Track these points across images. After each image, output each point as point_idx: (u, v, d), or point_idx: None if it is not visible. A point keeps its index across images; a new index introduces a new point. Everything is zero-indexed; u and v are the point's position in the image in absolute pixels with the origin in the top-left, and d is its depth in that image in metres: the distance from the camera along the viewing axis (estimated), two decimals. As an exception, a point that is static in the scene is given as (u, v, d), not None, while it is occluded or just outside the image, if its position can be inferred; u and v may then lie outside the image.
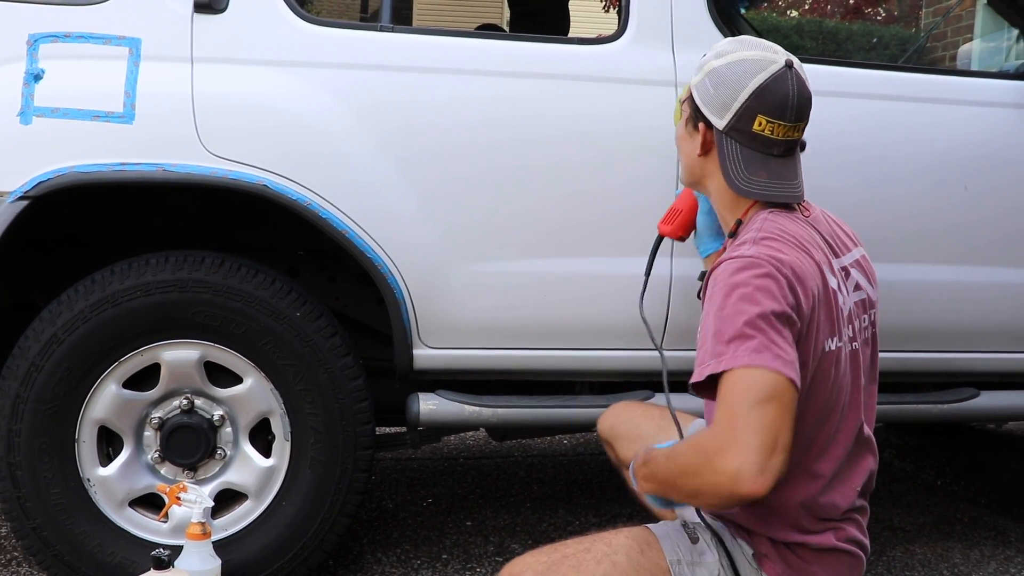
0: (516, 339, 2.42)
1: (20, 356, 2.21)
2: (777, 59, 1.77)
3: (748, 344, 1.53)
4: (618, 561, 1.71)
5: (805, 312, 1.63)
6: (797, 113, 1.77)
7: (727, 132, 1.78)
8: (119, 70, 2.19)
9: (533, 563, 1.72)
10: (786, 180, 1.80)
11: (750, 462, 1.44)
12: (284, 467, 2.36)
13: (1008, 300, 2.69)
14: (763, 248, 1.66)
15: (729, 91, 1.76)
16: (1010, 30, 3.46)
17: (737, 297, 1.59)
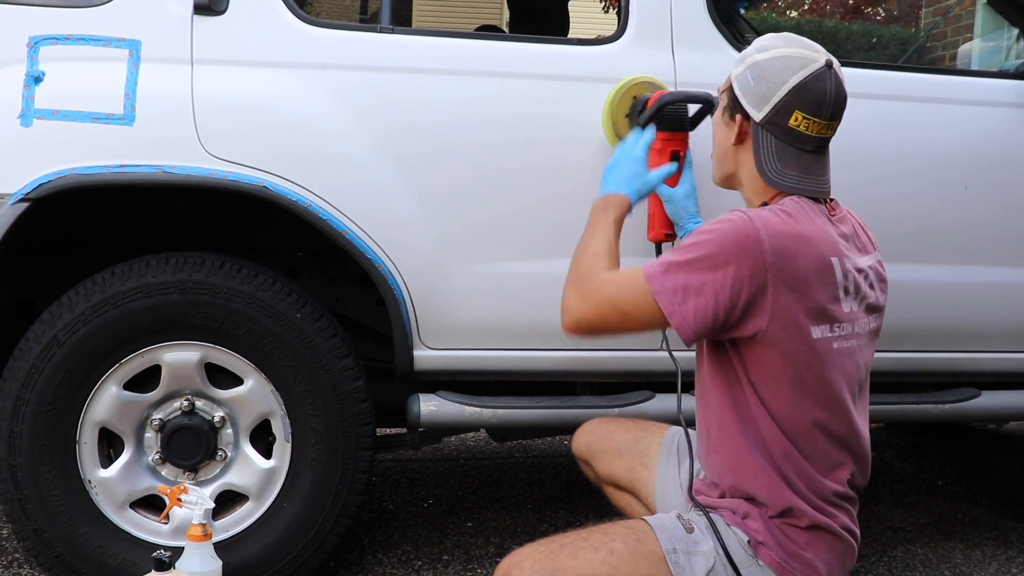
0: (516, 340, 2.42)
1: (21, 358, 2.21)
2: (818, 58, 1.83)
3: (678, 281, 1.73)
4: (615, 548, 1.76)
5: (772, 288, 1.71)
6: (833, 111, 1.84)
7: (763, 124, 1.84)
8: (119, 72, 2.19)
9: (531, 553, 1.78)
10: (816, 176, 1.87)
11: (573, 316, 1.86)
12: (285, 468, 2.36)
13: (1009, 300, 2.69)
14: (773, 218, 1.75)
15: (769, 85, 1.82)
16: (1010, 29, 3.47)
17: (711, 241, 1.73)
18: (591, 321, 1.84)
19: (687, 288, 1.72)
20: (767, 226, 1.72)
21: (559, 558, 1.76)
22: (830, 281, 1.77)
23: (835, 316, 1.78)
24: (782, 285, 1.72)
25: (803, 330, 1.75)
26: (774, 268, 1.70)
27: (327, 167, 2.27)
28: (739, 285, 1.71)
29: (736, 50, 2.50)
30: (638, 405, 2.49)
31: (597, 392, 2.65)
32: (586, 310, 1.83)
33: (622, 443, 2.21)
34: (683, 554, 1.78)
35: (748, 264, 1.70)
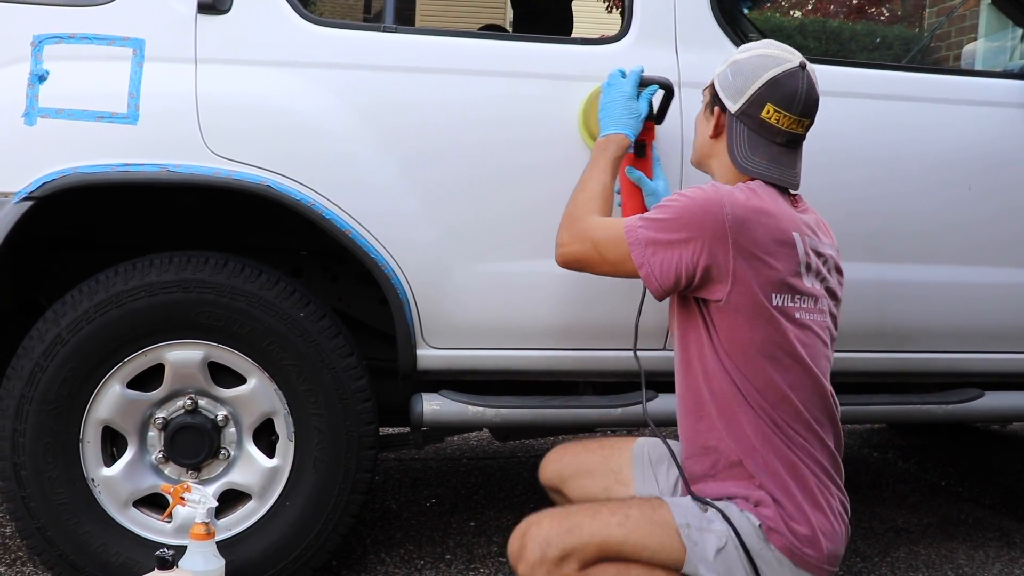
0: (519, 339, 2.43)
1: (24, 356, 2.21)
2: (793, 59, 1.98)
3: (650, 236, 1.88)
4: (631, 514, 1.87)
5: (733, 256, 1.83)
6: (803, 108, 1.97)
7: (738, 115, 1.99)
8: (123, 71, 2.20)
9: (551, 513, 1.92)
10: (784, 167, 2.01)
11: (562, 250, 2.03)
12: (288, 467, 2.36)
13: (1012, 300, 2.69)
14: (737, 192, 1.88)
15: (745, 79, 1.97)
16: (1014, 29, 3.46)
17: (679, 203, 1.88)
18: (577, 257, 2.00)
19: (656, 243, 1.87)
20: (731, 197, 1.86)
21: (577, 517, 1.88)
22: (791, 254, 1.89)
23: (797, 288, 1.89)
24: (742, 252, 1.84)
25: (764, 297, 1.86)
26: (734, 235, 1.83)
27: (330, 166, 2.27)
28: (700, 248, 1.84)
29: (740, 50, 2.51)
30: (640, 405, 2.49)
31: (600, 392, 2.65)
32: (575, 247, 1.99)
33: (592, 464, 2.24)
34: (696, 530, 1.85)
35: (710, 229, 1.83)
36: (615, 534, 1.83)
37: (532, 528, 1.87)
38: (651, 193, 2.26)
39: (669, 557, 1.84)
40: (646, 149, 2.28)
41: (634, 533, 1.84)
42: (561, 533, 1.83)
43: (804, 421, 1.91)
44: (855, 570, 2.83)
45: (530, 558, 1.84)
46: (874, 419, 2.95)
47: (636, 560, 1.84)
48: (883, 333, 2.63)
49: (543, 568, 1.83)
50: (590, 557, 1.83)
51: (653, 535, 1.84)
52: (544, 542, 1.83)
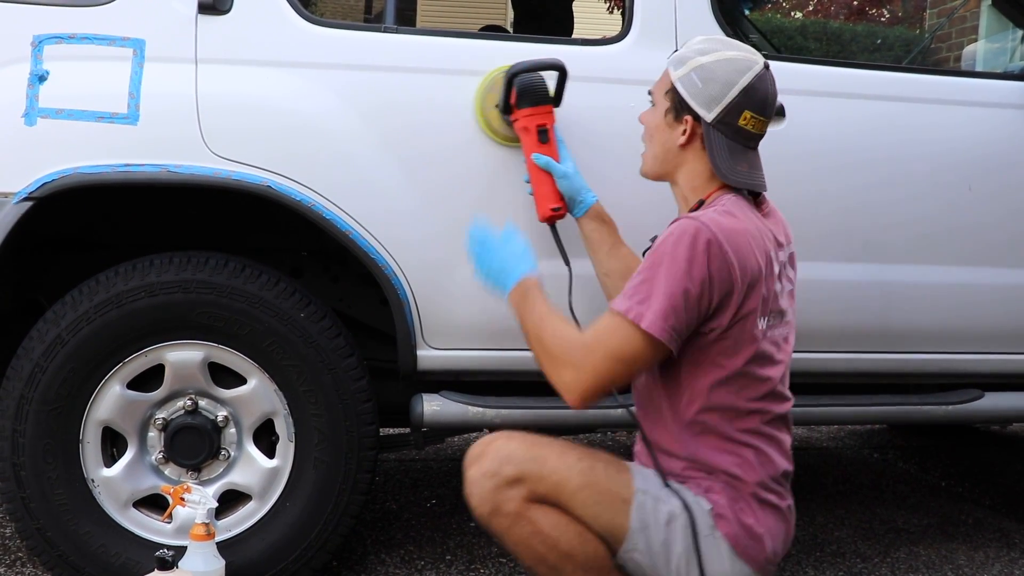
0: (520, 340, 2.41)
1: (24, 357, 2.21)
2: (757, 60, 1.94)
3: (660, 307, 1.77)
4: (596, 467, 1.87)
5: (738, 287, 1.80)
6: (773, 110, 1.97)
7: (715, 124, 1.92)
8: (123, 71, 2.19)
9: (523, 435, 1.91)
10: (759, 171, 1.99)
11: (579, 390, 1.82)
12: (288, 468, 2.36)
13: (1013, 301, 2.69)
14: (724, 219, 1.83)
15: (719, 86, 1.90)
16: (1015, 31, 3.46)
17: (676, 258, 1.78)
18: (598, 385, 1.82)
19: (673, 310, 1.77)
20: (721, 228, 1.80)
21: (547, 449, 1.87)
22: (771, 273, 1.88)
23: (776, 307, 1.91)
24: (744, 282, 1.81)
25: (754, 323, 1.84)
26: (739, 267, 1.80)
27: (331, 167, 2.27)
28: (711, 289, 1.79)
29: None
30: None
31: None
32: (587, 378, 1.82)
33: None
34: (651, 498, 1.86)
35: (716, 267, 1.78)
36: (574, 480, 1.82)
37: (500, 440, 1.88)
38: (562, 176, 2.23)
39: (613, 519, 1.84)
40: (548, 134, 2.24)
41: (591, 486, 1.83)
42: (525, 457, 1.83)
43: (762, 432, 1.91)
44: (855, 571, 2.83)
45: (485, 466, 1.85)
46: (874, 420, 2.95)
47: (580, 515, 1.84)
48: (883, 334, 2.63)
49: (492, 481, 1.83)
50: (541, 493, 1.82)
51: (607, 494, 1.84)
52: (505, 457, 1.84)
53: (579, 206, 2.26)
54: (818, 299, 2.56)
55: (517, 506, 1.82)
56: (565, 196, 2.25)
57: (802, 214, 2.52)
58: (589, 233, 2.28)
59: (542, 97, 2.25)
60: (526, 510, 1.83)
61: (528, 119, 2.24)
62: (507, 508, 1.83)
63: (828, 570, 2.83)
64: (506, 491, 1.83)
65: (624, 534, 1.84)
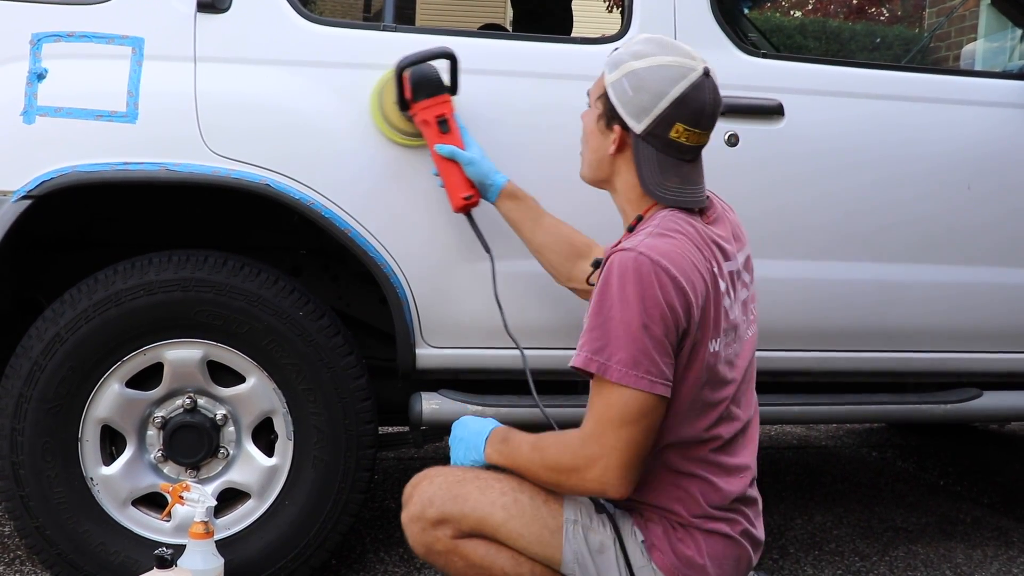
0: (519, 339, 2.42)
1: (23, 355, 2.21)
2: (696, 66, 1.79)
3: (626, 355, 1.66)
4: (520, 499, 1.81)
5: (695, 312, 1.71)
6: (710, 120, 1.81)
7: (644, 136, 1.80)
8: (122, 69, 2.19)
9: (447, 473, 1.87)
10: (695, 185, 1.85)
11: (614, 478, 1.69)
12: (287, 466, 2.36)
13: (1012, 301, 2.69)
14: (660, 243, 1.72)
15: (649, 96, 1.77)
16: (1014, 30, 3.46)
17: (625, 297, 1.68)
18: (627, 460, 1.69)
19: (642, 354, 1.66)
20: (661, 253, 1.69)
21: (468, 486, 1.82)
22: (717, 289, 1.76)
23: (728, 324, 1.80)
24: (697, 307, 1.71)
25: (706, 346, 1.74)
26: (689, 288, 1.69)
27: (330, 165, 2.27)
28: (674, 318, 1.68)
29: (740, 50, 2.50)
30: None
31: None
32: (613, 461, 1.69)
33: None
34: (582, 528, 1.82)
35: (670, 294, 1.67)
36: (496, 515, 1.79)
37: (424, 482, 1.86)
38: (468, 163, 2.20)
39: (542, 551, 1.81)
40: (449, 123, 2.21)
41: (515, 519, 1.79)
42: (446, 498, 1.81)
43: (709, 460, 1.81)
44: (854, 569, 2.83)
45: (411, 510, 1.84)
46: (873, 418, 2.95)
47: (512, 547, 1.81)
48: (882, 333, 2.63)
49: (418, 525, 1.83)
50: (466, 530, 1.81)
51: (534, 524, 1.80)
52: (427, 501, 1.82)
53: (491, 189, 2.23)
54: (817, 298, 2.57)
55: (447, 544, 1.82)
56: (476, 182, 2.23)
57: (800, 213, 2.53)
58: (507, 213, 2.25)
59: (437, 87, 2.21)
60: (456, 546, 1.82)
61: (426, 111, 2.20)
62: (438, 547, 1.83)
63: (827, 568, 2.83)
64: (433, 532, 1.82)
65: (558, 564, 1.82)
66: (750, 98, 2.46)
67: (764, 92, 2.48)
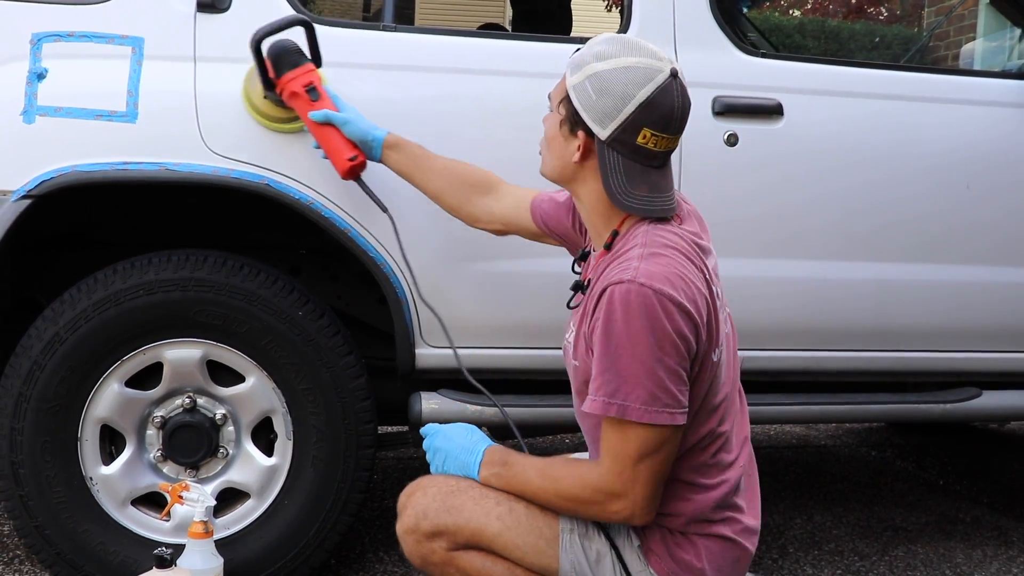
0: (518, 338, 2.43)
1: (23, 355, 2.21)
2: (663, 67, 1.70)
3: (643, 392, 1.62)
4: (516, 509, 1.79)
5: (702, 332, 1.68)
6: (680, 125, 1.73)
7: (609, 143, 1.71)
8: (122, 69, 2.19)
9: (441, 483, 1.82)
10: (664, 192, 1.76)
11: (641, 509, 1.69)
12: (286, 466, 2.36)
13: (1011, 300, 2.69)
14: (656, 267, 1.65)
15: (614, 101, 1.68)
16: (1013, 29, 3.46)
17: (633, 334, 1.62)
18: (650, 491, 1.68)
19: (660, 390, 1.63)
20: (661, 278, 1.63)
21: (462, 497, 1.79)
22: (714, 300, 1.73)
23: (721, 332, 1.77)
24: (704, 326, 1.68)
25: (711, 358, 1.72)
26: (695, 310, 1.66)
27: (329, 165, 2.26)
28: (686, 346, 1.65)
29: (739, 50, 2.50)
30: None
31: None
32: (639, 494, 1.67)
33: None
34: (579, 536, 1.80)
35: (679, 323, 1.63)
36: (492, 526, 1.76)
37: (417, 493, 1.82)
38: (344, 123, 2.14)
39: (539, 561, 1.78)
40: (318, 89, 2.16)
41: (510, 530, 1.77)
42: (440, 509, 1.77)
43: (708, 464, 1.79)
44: (853, 569, 2.83)
45: (405, 522, 1.81)
46: (872, 418, 2.95)
47: (507, 557, 1.79)
48: (881, 332, 2.63)
49: (413, 537, 1.79)
50: (461, 542, 1.78)
51: (530, 535, 1.78)
52: (421, 513, 1.78)
53: (373, 146, 2.17)
54: (816, 297, 2.57)
55: (442, 556, 1.79)
56: (357, 142, 2.17)
57: (800, 213, 2.53)
58: (395, 165, 2.20)
59: (297, 57, 2.16)
60: (452, 559, 1.79)
61: (292, 83, 2.14)
62: (434, 559, 1.80)
63: (826, 568, 2.83)
64: (428, 544, 1.79)
65: (555, 574, 1.79)
66: (749, 98, 2.47)
67: (763, 92, 2.48)
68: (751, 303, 2.49)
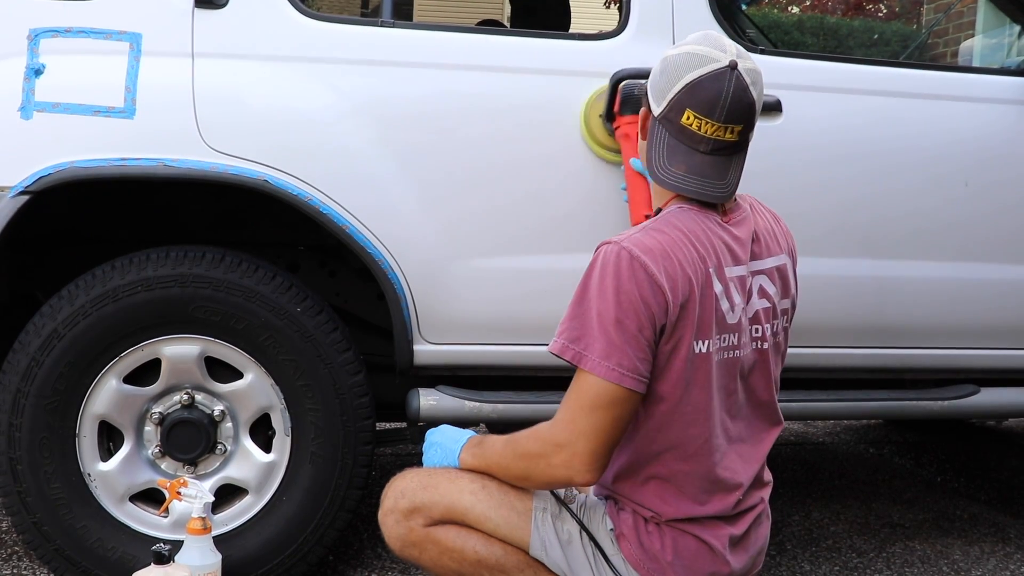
0: (516, 334, 2.42)
1: (21, 351, 2.21)
2: (722, 58, 1.75)
3: (600, 346, 1.68)
4: (488, 486, 1.85)
5: (672, 309, 1.70)
6: (728, 114, 1.75)
7: (661, 120, 1.81)
8: (120, 65, 2.19)
9: (419, 470, 1.91)
10: (707, 178, 1.79)
11: (580, 464, 1.70)
12: (284, 462, 2.36)
13: (1008, 297, 2.69)
14: (647, 238, 1.72)
15: (668, 80, 1.78)
16: (1011, 26, 3.46)
17: (602, 289, 1.70)
18: (593, 447, 1.70)
19: (613, 347, 1.66)
20: (643, 248, 1.69)
21: (437, 478, 1.87)
22: (710, 293, 1.74)
23: (724, 330, 1.77)
24: (675, 305, 1.69)
25: (690, 346, 1.72)
26: (669, 287, 1.68)
27: (328, 161, 2.27)
28: (649, 313, 1.68)
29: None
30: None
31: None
32: (580, 446, 1.69)
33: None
34: (551, 516, 1.85)
35: (646, 291, 1.67)
36: (464, 499, 1.83)
37: (397, 479, 1.90)
38: None
39: (511, 534, 1.84)
40: None
41: (482, 503, 1.83)
42: (417, 488, 1.85)
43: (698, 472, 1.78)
44: (851, 565, 2.83)
45: (385, 506, 1.88)
46: (870, 415, 2.95)
47: (482, 531, 1.84)
48: (880, 329, 2.63)
49: (392, 516, 1.86)
50: (436, 517, 1.84)
51: (501, 507, 1.83)
52: (400, 493, 1.87)
53: None
54: (814, 294, 2.57)
55: (420, 533, 1.85)
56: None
57: (798, 209, 2.53)
58: None
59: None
60: (428, 534, 1.85)
61: (630, 126, 2.23)
62: (412, 537, 1.85)
63: (824, 565, 2.83)
64: (406, 523, 1.85)
65: (527, 547, 1.84)
66: (748, 94, 2.46)
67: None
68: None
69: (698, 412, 1.76)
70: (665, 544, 1.79)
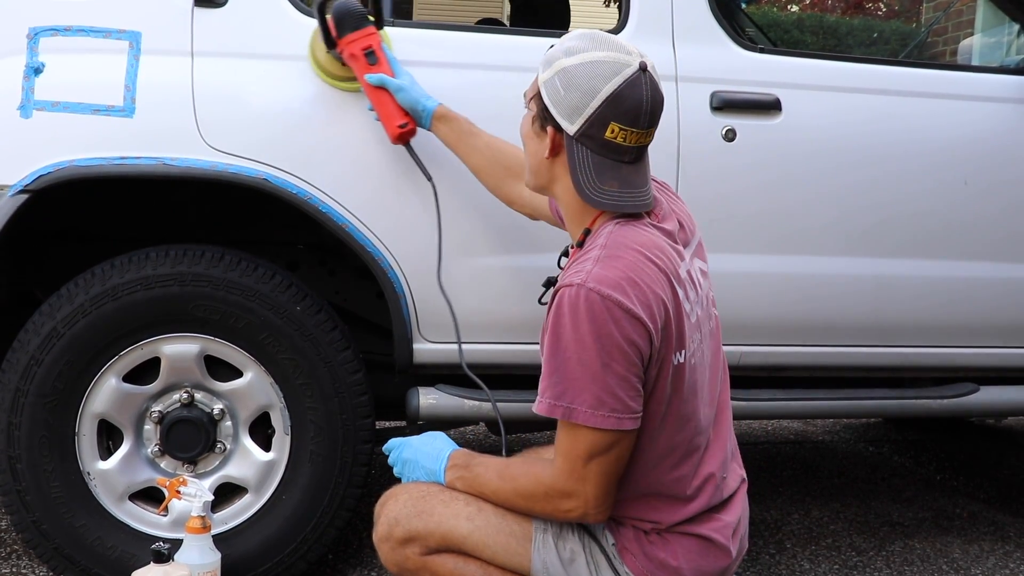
0: (515, 333, 2.42)
1: (20, 349, 2.21)
2: (631, 61, 1.68)
3: (588, 397, 1.62)
4: (485, 509, 1.81)
5: (656, 338, 1.64)
6: (650, 119, 1.70)
7: (578, 138, 1.69)
8: (119, 64, 2.19)
9: (411, 489, 1.85)
10: (636, 188, 1.73)
11: (593, 507, 1.70)
12: (284, 461, 2.36)
13: (1008, 296, 2.69)
14: (609, 271, 1.63)
15: (581, 95, 1.67)
16: (1011, 25, 3.47)
17: (578, 337, 1.61)
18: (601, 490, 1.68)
19: (607, 394, 1.61)
20: (610, 284, 1.61)
21: (432, 501, 1.81)
22: (678, 303, 1.69)
23: (692, 331, 1.74)
24: (658, 332, 1.65)
25: (671, 361, 1.69)
26: (647, 317, 1.62)
27: (328, 160, 2.27)
28: (636, 351, 1.63)
29: (738, 45, 2.50)
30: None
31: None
32: (589, 492, 1.68)
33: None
34: (552, 535, 1.81)
35: (627, 328, 1.61)
36: (462, 527, 1.78)
37: (389, 502, 1.85)
38: (398, 89, 2.18)
39: (510, 560, 1.80)
40: (376, 53, 2.19)
41: (480, 530, 1.79)
42: (411, 515, 1.80)
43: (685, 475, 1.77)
44: (850, 564, 2.84)
45: (379, 531, 1.83)
46: (870, 413, 2.96)
47: (480, 558, 1.80)
48: (879, 327, 2.63)
49: (388, 544, 1.82)
50: (433, 546, 1.80)
51: (499, 534, 1.79)
52: (393, 520, 1.81)
53: (423, 115, 2.21)
54: (814, 293, 2.57)
55: (416, 562, 1.81)
56: (408, 110, 2.21)
57: (798, 208, 2.53)
58: (442, 137, 2.23)
59: (360, 20, 2.20)
60: (426, 563, 1.81)
61: (352, 45, 2.19)
62: (409, 566, 1.82)
63: (823, 563, 2.83)
64: (401, 551, 1.81)
65: (527, 572, 1.81)
66: (747, 93, 2.46)
67: (761, 87, 2.48)
68: (749, 298, 2.50)
69: (682, 418, 1.74)
70: (670, 550, 1.78)
